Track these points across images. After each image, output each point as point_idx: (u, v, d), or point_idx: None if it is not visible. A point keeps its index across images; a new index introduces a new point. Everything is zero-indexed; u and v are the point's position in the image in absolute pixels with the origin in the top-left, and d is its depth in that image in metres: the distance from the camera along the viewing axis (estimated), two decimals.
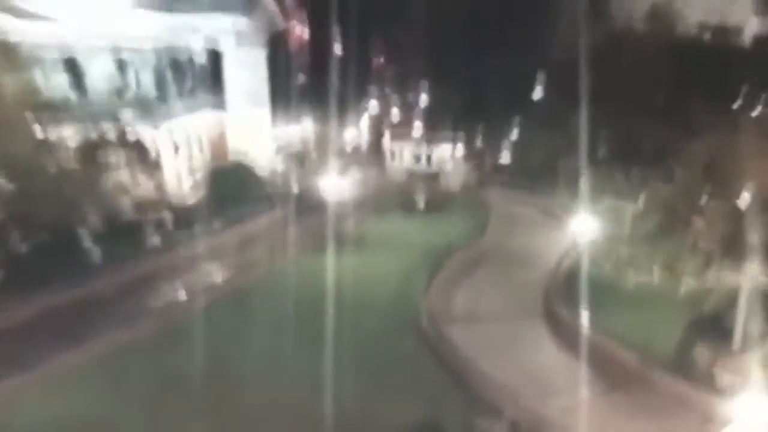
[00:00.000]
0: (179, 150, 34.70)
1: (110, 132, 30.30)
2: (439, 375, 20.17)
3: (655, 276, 24.14)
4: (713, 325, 20.50)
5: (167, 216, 30.03)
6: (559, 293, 24.81)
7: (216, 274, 27.07)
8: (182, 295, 25.07)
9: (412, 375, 19.89)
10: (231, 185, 33.52)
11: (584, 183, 29.82)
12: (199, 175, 35.28)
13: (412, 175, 45.19)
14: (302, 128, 45.06)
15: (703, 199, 25.30)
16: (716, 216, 23.59)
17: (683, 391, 18.38)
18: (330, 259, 27.32)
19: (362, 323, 22.31)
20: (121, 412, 17.89)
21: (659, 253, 24.80)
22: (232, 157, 37.13)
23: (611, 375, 19.76)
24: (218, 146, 37.27)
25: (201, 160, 36.05)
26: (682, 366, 19.27)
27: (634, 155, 30.06)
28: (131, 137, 31.03)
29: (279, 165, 40.40)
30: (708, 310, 21.52)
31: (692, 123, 27.45)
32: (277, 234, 31.20)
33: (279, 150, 41.72)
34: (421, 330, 23.00)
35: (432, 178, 44.05)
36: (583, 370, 19.70)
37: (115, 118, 31.47)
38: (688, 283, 22.64)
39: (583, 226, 26.54)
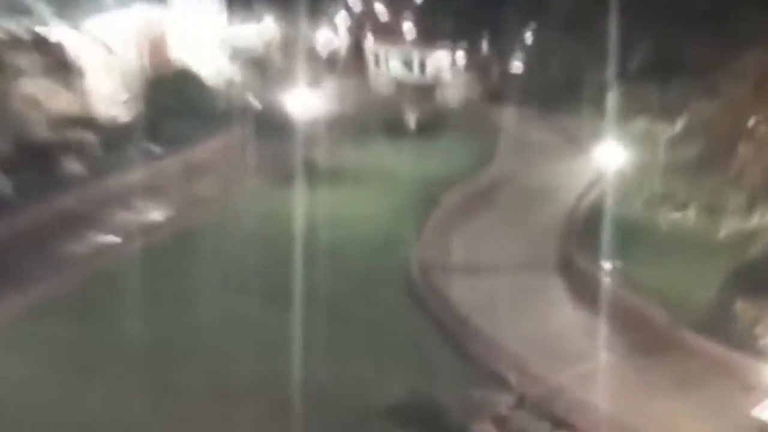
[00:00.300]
0: (107, 55, 33.85)
1: (18, 30, 29.60)
2: (433, 338, 20.65)
3: (692, 216, 24.71)
4: (757, 277, 21.01)
5: (92, 137, 29.58)
6: (578, 237, 25.32)
7: (156, 211, 26.98)
8: (112, 239, 24.89)
9: (399, 338, 20.29)
10: (174, 99, 33.16)
11: (612, 100, 30.13)
12: (133, 87, 34.30)
13: (401, 87, 44.71)
14: (264, 28, 44.02)
15: (752, 122, 25.63)
16: (765, 142, 23.98)
17: (721, 354, 18.99)
18: (299, 195, 27.49)
19: (338, 275, 22.42)
20: (30, 394, 16.75)
21: (698, 187, 25.32)
22: (175, 64, 36.63)
23: (637, 337, 20.32)
24: (157, 50, 36.48)
25: (136, 67, 35.12)
26: (719, 325, 19.86)
27: (672, 67, 30.13)
28: (45, 37, 30.35)
29: (235, 74, 39.78)
30: (752, 258, 22.16)
31: (743, 30, 27.39)
32: (233, 161, 31.17)
33: (235, 55, 40.94)
34: (410, 283, 23.44)
35: (426, 91, 43.68)
36: (603, 332, 20.20)
37: (25, 13, 30.56)
38: (729, 225, 23.23)
39: (609, 154, 26.86)
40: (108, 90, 32.87)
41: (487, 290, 22.98)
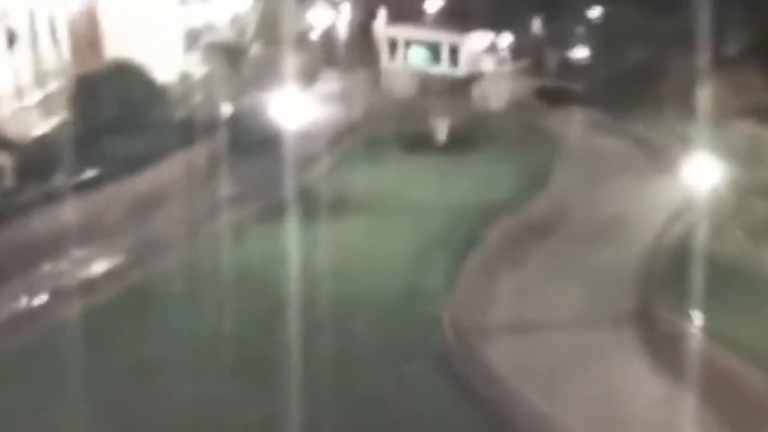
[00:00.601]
0: (16, 44, 34.57)
1: None
2: (473, 422, 21.82)
3: None
4: None
5: (1, 160, 30.58)
6: (660, 284, 26.55)
7: (94, 263, 27.63)
8: (36, 302, 25.65)
9: (427, 420, 21.57)
10: (111, 105, 33.91)
11: (705, 96, 31.51)
12: (54, 87, 35.46)
13: (425, 84, 45.71)
14: (235, 3, 45.35)
15: None
16: None
17: None
18: (290, 235, 28.63)
19: (344, 346, 23.53)
20: None
21: None
22: (111, 56, 37.42)
23: (735, 410, 21.53)
24: (88, 39, 37.67)
25: (57, 61, 36.23)
26: None
27: None
28: None
29: (196, 69, 41.01)
30: None
31: None
32: (198, 190, 32.05)
33: (194, 41, 42.42)
34: (442, 355, 24.54)
35: (459, 89, 44.71)
36: (692, 404, 21.60)
37: None
38: None
39: (701, 171, 27.71)
40: (18, 93, 33.96)
41: (544, 359, 24.16)
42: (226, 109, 38.86)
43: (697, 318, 23.83)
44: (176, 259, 28.62)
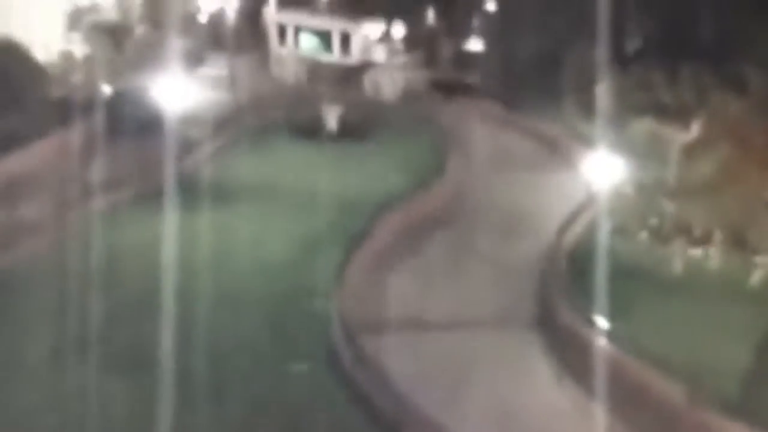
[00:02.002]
0: None
1: None
2: (360, 427, 20.53)
3: (717, 253, 25.07)
4: None
5: None
6: (563, 284, 25.43)
7: None
8: None
9: (313, 425, 20.18)
10: None
11: (606, 93, 30.53)
12: None
13: (315, 71, 44.94)
14: None
15: None
16: None
17: None
18: (169, 223, 27.33)
19: (226, 345, 22.43)
20: None
21: (723, 213, 25.74)
22: None
23: (644, 422, 20.43)
24: None
25: None
26: (754, 403, 19.94)
27: (685, 50, 30.60)
28: None
29: (76, 48, 39.65)
30: None
31: None
32: (73, 173, 30.75)
33: (76, 21, 40.97)
34: (330, 353, 23.27)
35: (350, 77, 44.04)
36: (598, 413, 20.34)
37: None
38: (765, 265, 23.54)
39: (602, 167, 27.17)
40: None
41: (438, 357, 22.97)
42: (107, 90, 37.63)
43: (603, 321, 22.54)
44: (44, 245, 27.52)
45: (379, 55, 45.47)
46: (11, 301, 24.26)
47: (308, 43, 46.36)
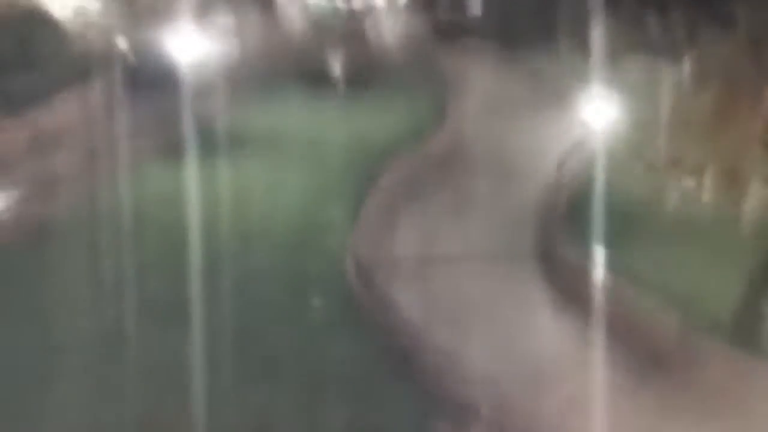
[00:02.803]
0: None
1: None
2: (380, 360, 20.81)
3: (709, 187, 25.21)
4: None
5: None
6: (562, 220, 25.85)
7: None
8: None
9: (336, 364, 20.36)
10: (14, 47, 32.52)
11: (599, 33, 30.31)
12: None
13: (319, 22, 44.72)
14: None
15: None
16: None
17: (747, 366, 19.39)
18: (190, 172, 27.56)
19: (248, 283, 22.52)
20: None
21: (715, 149, 25.81)
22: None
23: (640, 350, 20.68)
24: None
25: None
26: (745, 329, 20.38)
27: None
28: None
29: (89, 2, 38.82)
30: None
31: None
32: (98, 127, 30.75)
33: None
34: (345, 289, 23.66)
35: (353, 27, 43.83)
36: (596, 343, 20.51)
37: None
38: (757, 199, 23.77)
39: (597, 106, 27.06)
40: None
41: (446, 291, 23.24)
42: (122, 44, 37.14)
43: (601, 254, 22.79)
44: (75, 195, 27.70)
45: (381, 3, 45.42)
46: (45, 247, 24.41)
47: None
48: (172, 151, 29.57)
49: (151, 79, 32.82)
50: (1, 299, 21.84)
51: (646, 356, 20.50)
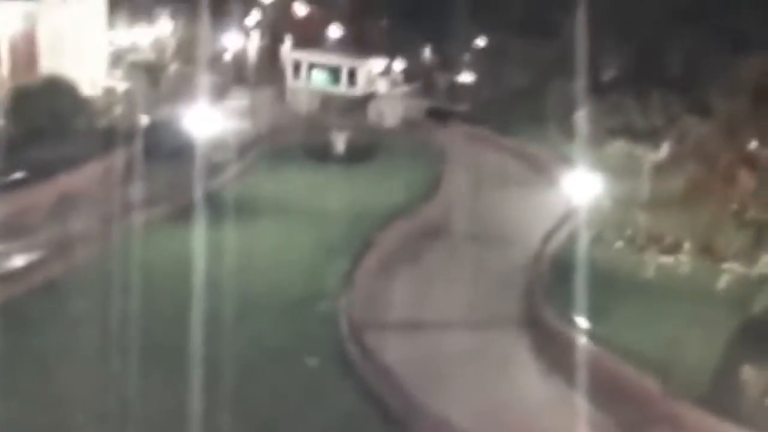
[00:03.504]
0: None
1: None
2: (366, 416, 20.04)
3: (686, 260, 24.52)
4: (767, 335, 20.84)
5: None
6: (547, 288, 25.12)
7: (15, 256, 26.08)
8: None
9: (328, 421, 19.69)
10: (41, 115, 32.69)
11: (584, 118, 30.27)
12: None
13: (326, 102, 44.98)
14: (157, 28, 44.24)
15: (754, 144, 25.75)
16: None
17: (724, 431, 18.64)
18: (198, 235, 27.16)
19: (249, 340, 22.05)
20: None
21: (692, 225, 25.20)
22: (44, 71, 36.25)
23: (622, 411, 20.07)
24: (23, 54, 36.52)
25: None
26: (722, 396, 19.56)
27: (654, 80, 30.38)
28: None
29: (119, 84, 39.76)
30: (760, 311, 21.83)
31: (739, 31, 27.71)
32: (114, 192, 30.63)
33: (118, 60, 41.00)
34: (339, 349, 22.83)
35: (356, 107, 43.99)
36: (581, 406, 19.91)
37: None
38: (731, 272, 23.02)
39: (581, 184, 26.91)
40: None
41: (437, 356, 22.50)
42: (145, 120, 37.34)
43: (584, 322, 22.29)
44: (92, 253, 27.22)
45: (382, 86, 45.48)
46: (67, 304, 23.80)
47: (319, 77, 46.22)
48: (184, 216, 29.22)
49: (168, 152, 32.74)
50: (20, 348, 21.28)
51: (627, 417, 19.88)
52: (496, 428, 19.48)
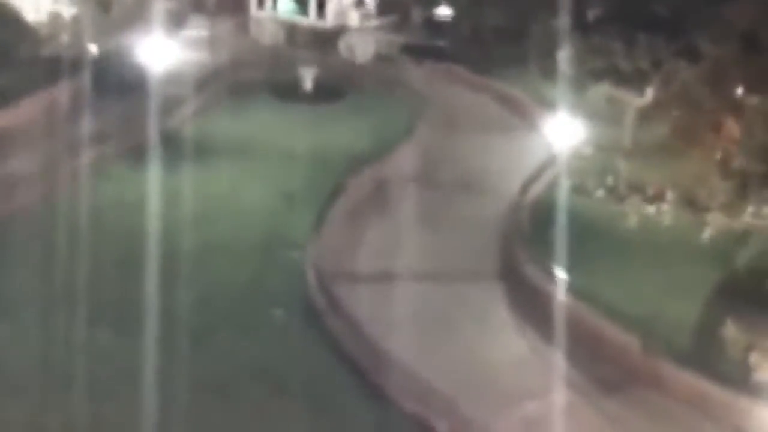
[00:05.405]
0: None
1: None
2: (338, 375, 20.29)
3: (669, 210, 25.00)
4: (750, 290, 21.30)
5: None
6: (525, 239, 25.28)
7: None
8: None
9: (292, 377, 19.83)
10: None
11: (567, 59, 30.24)
12: None
13: (292, 34, 44.44)
14: None
15: (740, 92, 26.09)
16: (758, 117, 24.38)
17: (705, 390, 19.15)
18: (154, 177, 27.10)
19: (208, 292, 22.16)
20: None
21: (675, 174, 25.68)
22: None
23: (600, 368, 20.40)
24: None
25: None
26: (703, 353, 20.03)
27: (641, 21, 30.39)
28: None
29: (65, 7, 38.82)
30: (743, 266, 22.43)
31: None
32: (61, 128, 30.33)
33: None
34: (305, 301, 23.04)
35: (325, 41, 43.49)
36: (558, 362, 20.25)
37: None
38: (714, 223, 23.50)
39: (562, 129, 26.96)
40: None
41: (408, 307, 22.61)
42: (94, 50, 36.62)
43: (562, 274, 22.51)
44: (33, 197, 26.85)
45: (353, 19, 44.93)
46: (7, 251, 23.75)
47: (286, 6, 45.55)
48: (137, 155, 29.16)
49: (120, 85, 32.41)
50: None
51: (604, 374, 20.28)
52: (469, 382, 19.76)
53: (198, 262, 23.02)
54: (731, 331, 19.81)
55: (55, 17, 38.09)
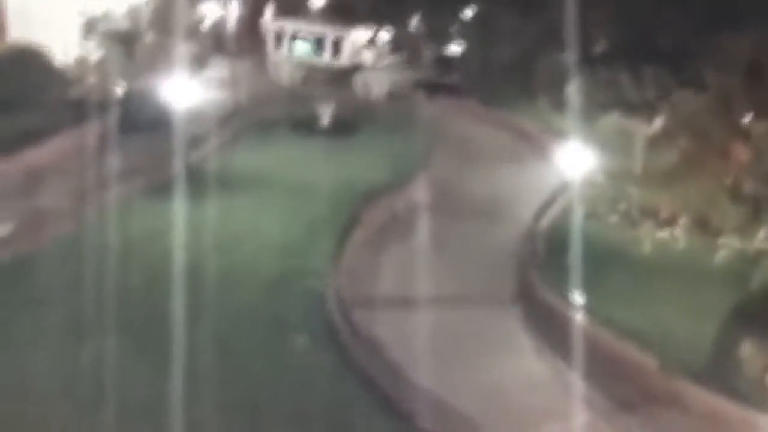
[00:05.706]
0: None
1: None
2: (360, 398, 20.00)
3: (681, 234, 24.82)
4: (765, 311, 21.10)
5: None
6: (540, 264, 25.16)
7: None
8: None
9: (315, 402, 19.48)
10: (9, 85, 32.27)
11: (575, 91, 30.28)
12: None
13: (309, 73, 44.92)
14: None
15: (747, 118, 25.94)
16: (767, 143, 24.20)
17: (722, 408, 18.92)
18: (178, 210, 26.96)
19: (231, 320, 22.06)
20: None
21: (687, 199, 25.49)
22: (12, 38, 36.41)
23: (618, 389, 20.25)
24: None
25: None
26: (720, 373, 19.81)
27: (648, 52, 30.44)
28: None
29: (91, 52, 39.47)
30: (758, 287, 22.19)
31: (733, 7, 27.83)
32: (88, 166, 30.33)
33: (90, 28, 40.39)
34: (327, 327, 22.86)
35: (341, 79, 43.91)
36: (576, 383, 20.08)
37: None
38: (727, 246, 23.28)
39: (574, 158, 26.89)
40: None
41: (426, 331, 22.22)
42: (119, 91, 37.01)
43: (578, 297, 22.39)
44: (64, 229, 26.80)
45: (367, 58, 45.42)
46: (35, 284, 23.35)
47: (302, 47, 46.05)
48: (163, 190, 29.04)
49: (145, 124, 32.63)
50: None
51: (623, 395, 20.07)
52: (490, 404, 19.53)
53: (221, 291, 22.81)
54: (748, 350, 19.60)
55: (81, 61, 38.71)
